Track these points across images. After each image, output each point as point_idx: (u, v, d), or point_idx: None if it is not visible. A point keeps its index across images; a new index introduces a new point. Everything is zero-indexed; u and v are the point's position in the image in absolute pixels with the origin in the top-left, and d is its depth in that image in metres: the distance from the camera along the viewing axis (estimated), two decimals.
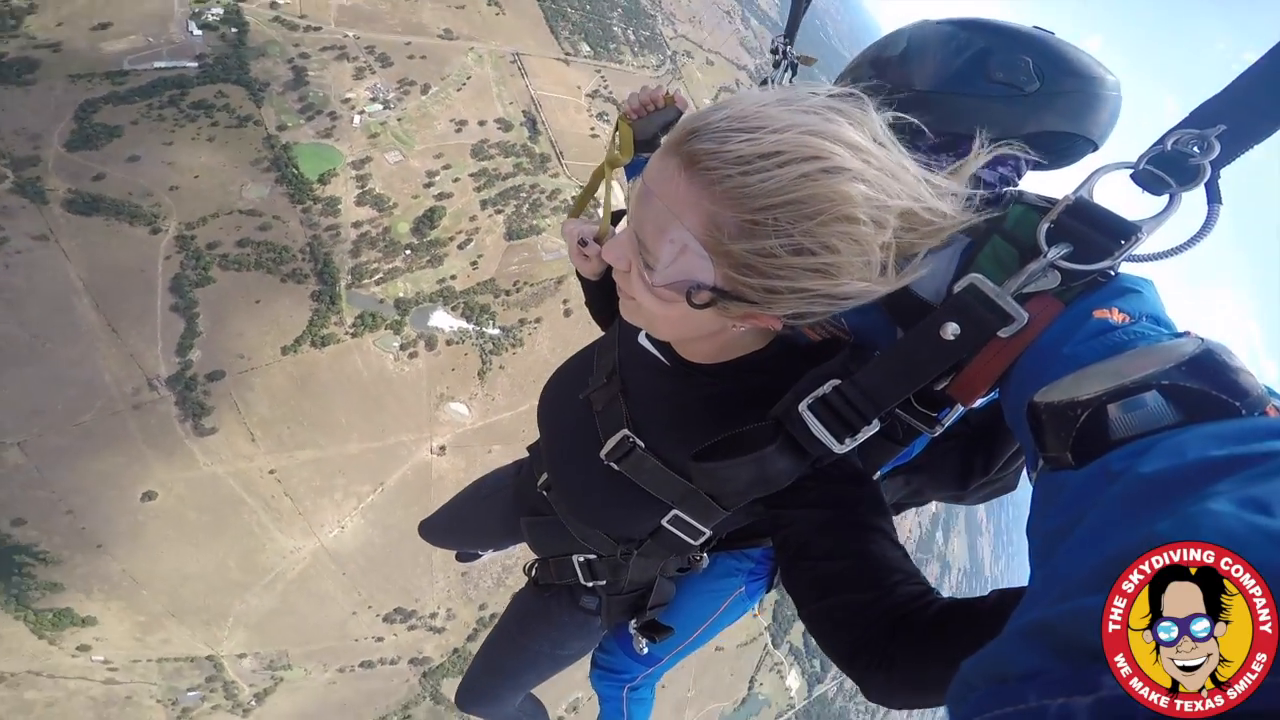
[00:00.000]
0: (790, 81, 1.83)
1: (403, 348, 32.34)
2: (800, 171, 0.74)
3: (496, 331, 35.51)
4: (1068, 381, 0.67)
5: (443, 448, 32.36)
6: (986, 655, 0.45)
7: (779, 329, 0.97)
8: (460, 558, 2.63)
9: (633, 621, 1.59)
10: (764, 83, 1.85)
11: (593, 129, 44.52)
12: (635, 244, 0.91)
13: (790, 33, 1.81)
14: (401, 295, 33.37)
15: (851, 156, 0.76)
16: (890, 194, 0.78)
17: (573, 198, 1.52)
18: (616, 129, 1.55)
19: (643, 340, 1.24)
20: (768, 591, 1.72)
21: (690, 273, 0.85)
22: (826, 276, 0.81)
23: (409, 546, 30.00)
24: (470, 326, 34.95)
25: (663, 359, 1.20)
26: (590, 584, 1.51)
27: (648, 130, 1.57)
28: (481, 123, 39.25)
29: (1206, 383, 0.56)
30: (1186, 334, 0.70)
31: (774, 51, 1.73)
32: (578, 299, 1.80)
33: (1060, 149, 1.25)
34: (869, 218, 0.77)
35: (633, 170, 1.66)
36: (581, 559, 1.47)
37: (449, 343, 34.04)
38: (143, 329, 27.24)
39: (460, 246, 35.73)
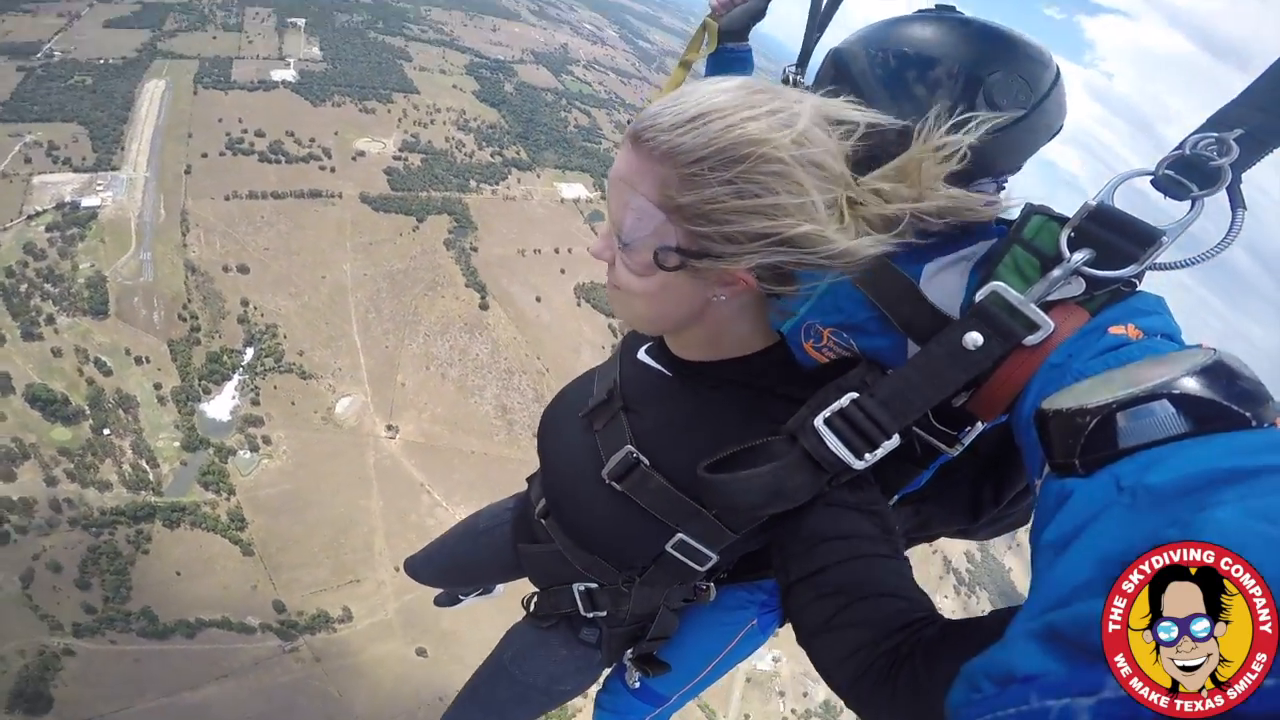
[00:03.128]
0: None
1: None
2: (725, 123, 0.87)
3: None
4: (1078, 389, 0.72)
5: None
6: (991, 657, 0.47)
7: (755, 288, 1.02)
8: (439, 601, 2.66)
9: (629, 651, 1.62)
10: None
11: None
12: (611, 230, 1.03)
13: (803, 62, 1.78)
14: None
15: (771, 111, 0.88)
16: (813, 142, 0.89)
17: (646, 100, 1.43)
18: (703, 28, 1.88)
19: (643, 356, 1.31)
20: (781, 625, 1.71)
21: (656, 236, 0.95)
22: (771, 218, 0.89)
23: None
24: None
25: (663, 370, 1.26)
26: (590, 615, 1.51)
27: (734, 22, 1.89)
28: None
29: (1217, 393, 0.59)
30: (1198, 346, 0.74)
31: (785, 81, 1.72)
32: None
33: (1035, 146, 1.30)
34: (794, 159, 0.87)
35: (712, 64, 1.94)
36: (582, 588, 1.47)
37: None
38: None
39: None
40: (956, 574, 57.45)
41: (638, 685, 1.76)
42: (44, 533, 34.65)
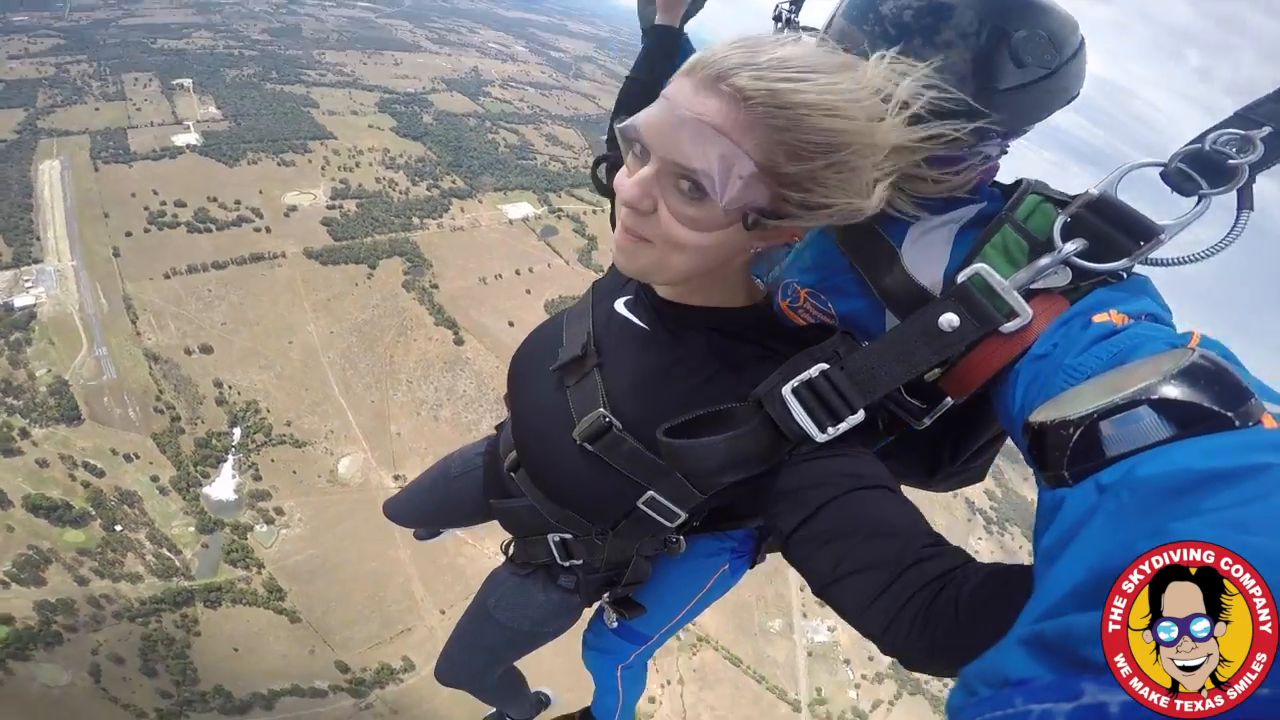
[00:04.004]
0: None
1: None
2: (844, 116, 0.93)
3: None
4: (1061, 400, 0.76)
5: None
6: (986, 661, 0.51)
7: (801, 237, 1.14)
8: (419, 535, 2.76)
9: (605, 595, 1.78)
10: None
11: None
12: (668, 177, 1.00)
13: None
14: None
15: (874, 100, 0.96)
16: (900, 130, 0.98)
17: None
18: None
19: (620, 308, 1.35)
20: (751, 568, 1.90)
21: (750, 195, 0.98)
22: (851, 193, 0.98)
23: None
24: None
25: (639, 322, 1.30)
26: (566, 563, 1.59)
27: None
28: None
29: (1198, 395, 0.62)
30: (1188, 336, 0.77)
31: (776, 19, 1.73)
32: None
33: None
34: (885, 151, 0.98)
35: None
36: (557, 538, 1.54)
37: None
38: None
39: None
40: (983, 514, 59.94)
41: (615, 625, 1.88)
42: (94, 629, 35.40)
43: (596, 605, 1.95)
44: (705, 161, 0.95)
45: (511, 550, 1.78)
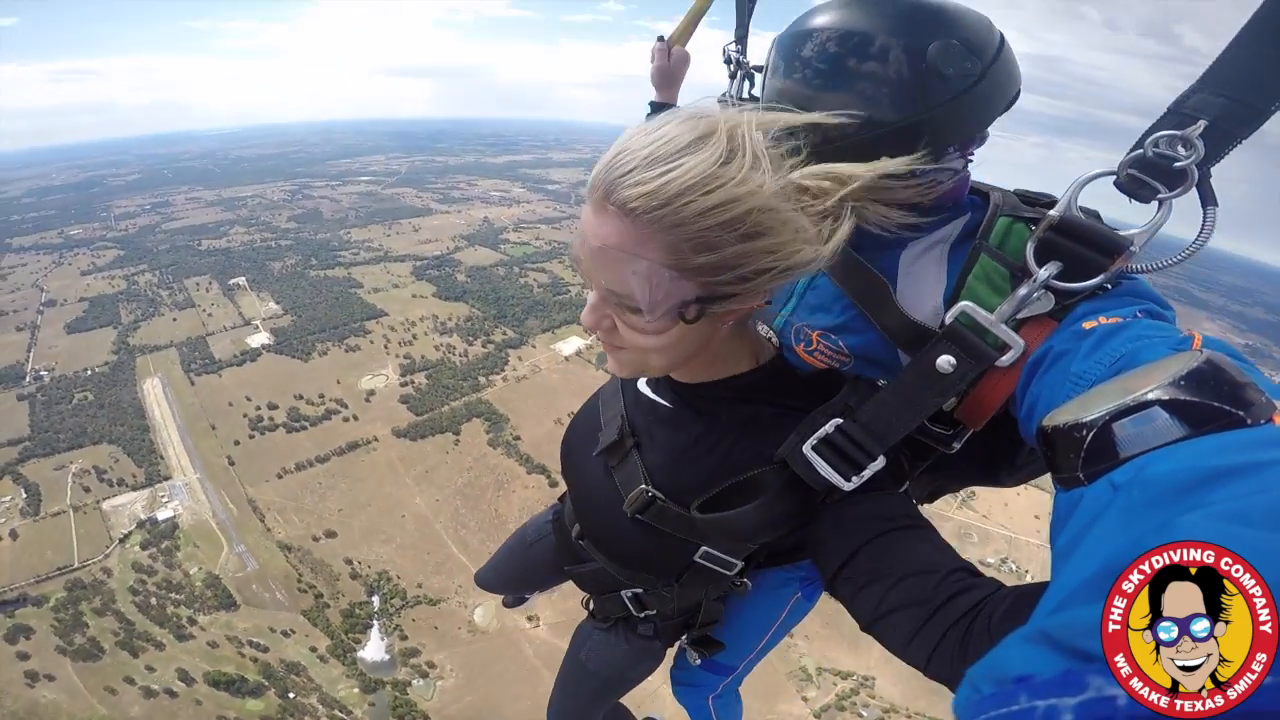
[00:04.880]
0: (749, 91, 1.89)
1: None
2: (719, 194, 0.95)
3: None
4: (1074, 404, 0.77)
5: None
6: (990, 659, 0.52)
7: (764, 304, 1.19)
8: (508, 603, 2.99)
9: (684, 637, 1.91)
10: (722, 96, 1.86)
11: None
12: (608, 299, 1.09)
13: (741, 38, 1.84)
14: None
15: (754, 158, 0.98)
16: (779, 169, 1.01)
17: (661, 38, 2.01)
18: None
19: (643, 388, 1.47)
20: (825, 591, 1.80)
21: (674, 296, 1.02)
22: (775, 252, 1.01)
23: None
24: None
25: (663, 402, 1.41)
26: (642, 614, 1.73)
27: None
28: None
29: (1210, 395, 0.63)
30: (1190, 339, 0.78)
31: (726, 61, 1.80)
32: None
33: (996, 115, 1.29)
34: (778, 197, 0.98)
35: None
36: (629, 594, 1.68)
37: None
38: None
39: None
40: None
41: (698, 663, 1.99)
42: None
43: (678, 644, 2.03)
44: (621, 283, 1.03)
45: (592, 606, 1.94)
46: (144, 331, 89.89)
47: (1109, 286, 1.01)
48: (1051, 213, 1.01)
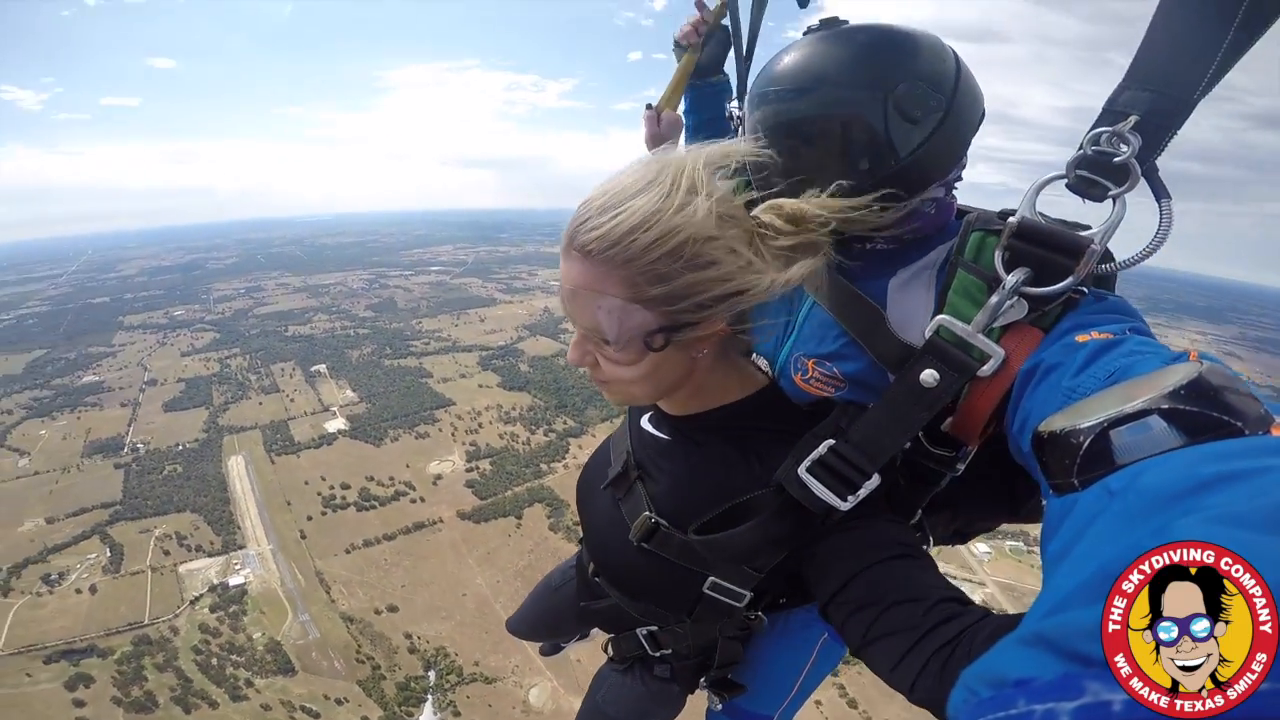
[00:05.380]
0: None
1: None
2: (661, 226, 1.05)
3: None
4: (1071, 410, 0.78)
5: None
6: (986, 663, 0.52)
7: (728, 332, 1.22)
8: (544, 651, 2.85)
9: (701, 679, 1.83)
10: None
11: None
12: (585, 336, 1.20)
13: (742, 94, 1.93)
14: None
15: (688, 191, 1.07)
16: (722, 199, 1.09)
17: (648, 106, 2.08)
18: (683, 67, 2.02)
19: (645, 424, 1.53)
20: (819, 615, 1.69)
21: (638, 326, 1.11)
22: (727, 279, 1.09)
23: None
24: None
25: (662, 435, 1.47)
26: (658, 654, 1.71)
27: (708, 58, 2.02)
28: None
29: (1208, 405, 0.64)
30: (1185, 354, 0.78)
31: (729, 118, 1.86)
32: None
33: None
34: (720, 227, 1.07)
35: (693, 99, 2.09)
36: (644, 631, 1.67)
37: None
38: None
39: None
40: None
41: (719, 708, 1.92)
42: None
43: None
44: (591, 320, 1.14)
45: (610, 648, 1.92)
46: (232, 412, 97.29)
47: (1085, 292, 1.03)
48: (1010, 220, 1.04)
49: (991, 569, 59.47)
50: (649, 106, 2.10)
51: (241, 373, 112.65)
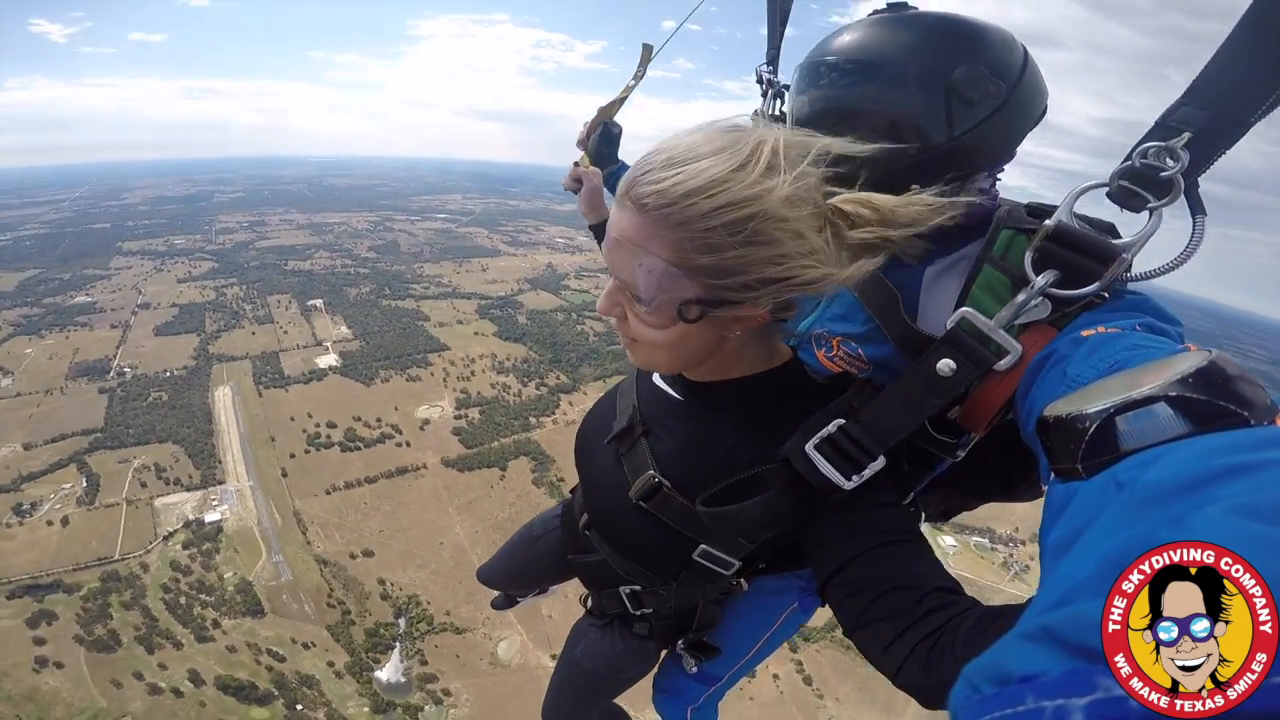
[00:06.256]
0: (779, 109, 1.94)
1: None
2: (729, 193, 1.00)
3: None
4: (1077, 396, 0.79)
5: None
6: (990, 658, 0.52)
7: (768, 319, 1.19)
8: (496, 605, 2.94)
9: (680, 642, 1.88)
10: (754, 113, 1.93)
11: None
12: (620, 288, 1.16)
13: (773, 58, 1.94)
14: None
15: (768, 168, 1.01)
16: (801, 183, 1.03)
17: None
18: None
19: (657, 380, 1.51)
20: (822, 606, 1.75)
21: (675, 292, 1.08)
22: (780, 264, 1.04)
23: None
24: None
25: (674, 394, 1.45)
26: (638, 612, 1.75)
27: (598, 155, 2.27)
28: None
29: (1215, 394, 0.64)
30: (1187, 348, 0.80)
31: (759, 80, 1.88)
32: None
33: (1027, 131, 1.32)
34: (791, 210, 1.02)
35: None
36: (627, 590, 1.70)
37: None
38: None
39: None
40: None
41: (694, 670, 1.95)
42: None
43: (667, 650, 2.04)
44: (629, 274, 1.11)
45: (590, 603, 1.97)
46: (224, 340, 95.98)
47: (1107, 296, 1.03)
48: (1047, 222, 1.04)
49: (955, 562, 58.74)
50: (575, 164, 2.24)
51: (237, 301, 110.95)
